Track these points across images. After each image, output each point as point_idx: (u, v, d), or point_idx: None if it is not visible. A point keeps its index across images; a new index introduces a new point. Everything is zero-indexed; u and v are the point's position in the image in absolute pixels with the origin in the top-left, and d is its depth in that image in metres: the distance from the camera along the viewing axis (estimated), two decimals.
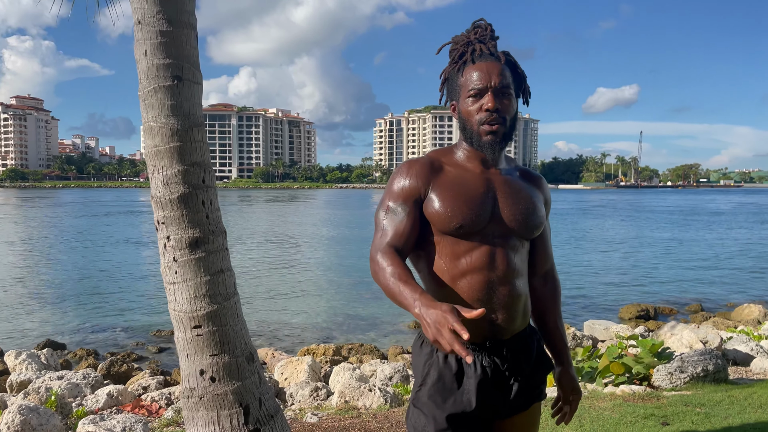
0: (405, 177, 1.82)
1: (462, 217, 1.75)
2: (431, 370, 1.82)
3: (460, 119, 1.84)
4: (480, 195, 1.79)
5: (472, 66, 1.80)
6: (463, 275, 1.77)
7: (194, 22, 3.18)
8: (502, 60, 1.81)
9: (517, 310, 1.82)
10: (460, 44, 1.85)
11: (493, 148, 1.80)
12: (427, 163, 1.84)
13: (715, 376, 5.68)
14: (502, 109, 1.78)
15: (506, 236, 1.80)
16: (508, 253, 1.80)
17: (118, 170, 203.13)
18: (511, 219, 1.80)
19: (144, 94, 3.06)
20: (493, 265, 1.77)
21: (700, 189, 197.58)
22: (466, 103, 1.81)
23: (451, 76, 1.88)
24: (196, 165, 3.10)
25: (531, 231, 1.85)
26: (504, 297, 1.78)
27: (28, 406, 4.68)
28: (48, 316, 14.04)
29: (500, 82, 1.77)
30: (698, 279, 19.61)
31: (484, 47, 1.81)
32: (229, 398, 3.07)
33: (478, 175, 1.83)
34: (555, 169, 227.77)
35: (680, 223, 45.77)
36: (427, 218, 1.79)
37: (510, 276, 1.79)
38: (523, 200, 1.84)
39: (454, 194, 1.77)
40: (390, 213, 1.80)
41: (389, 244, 1.75)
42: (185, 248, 3.05)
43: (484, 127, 1.78)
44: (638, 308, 13.82)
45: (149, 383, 7.26)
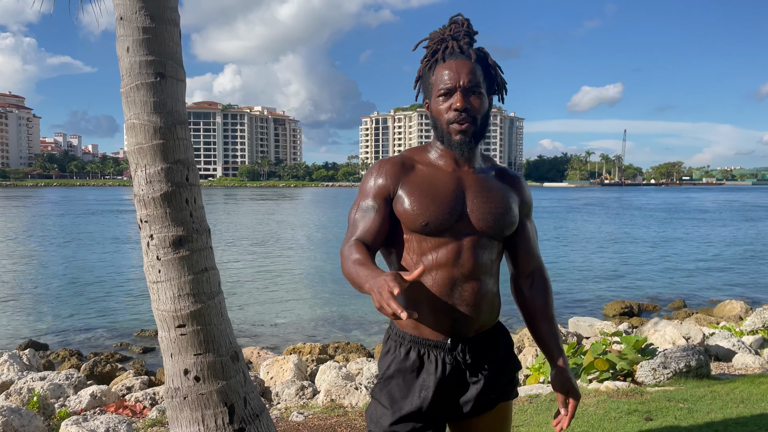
0: (375, 176, 1.85)
1: (428, 214, 1.77)
2: (392, 364, 1.86)
3: (432, 118, 1.85)
4: (449, 193, 1.80)
5: (443, 65, 1.80)
6: (429, 271, 1.78)
7: (177, 19, 3.15)
8: (473, 58, 1.79)
9: (483, 307, 1.83)
10: (434, 41, 1.85)
11: (462, 148, 1.80)
12: (398, 161, 1.87)
13: (697, 371, 5.74)
14: (472, 108, 1.78)
15: (475, 235, 1.81)
16: (476, 251, 1.80)
17: (101, 169, 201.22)
18: (479, 218, 1.81)
19: (126, 91, 3.02)
20: (458, 262, 1.78)
21: (683, 187, 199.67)
22: (437, 102, 1.81)
23: (424, 74, 1.88)
24: (180, 163, 3.07)
25: (500, 231, 1.84)
26: (469, 294, 1.79)
27: (10, 407, 4.62)
28: (30, 316, 13.86)
29: (469, 81, 1.77)
30: (681, 276, 19.83)
31: (456, 45, 1.80)
32: (213, 398, 3.04)
33: (449, 173, 1.84)
34: (540, 167, 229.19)
35: (664, 220, 46.22)
36: (396, 216, 1.82)
37: (476, 273, 1.80)
38: (494, 200, 1.84)
39: (422, 192, 1.79)
40: (360, 211, 1.84)
41: (356, 238, 1.79)
42: (169, 247, 3.02)
43: (454, 126, 1.78)
44: (622, 305, 13.95)
45: (133, 383, 7.19)
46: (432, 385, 1.81)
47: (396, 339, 1.88)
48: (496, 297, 1.90)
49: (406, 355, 1.84)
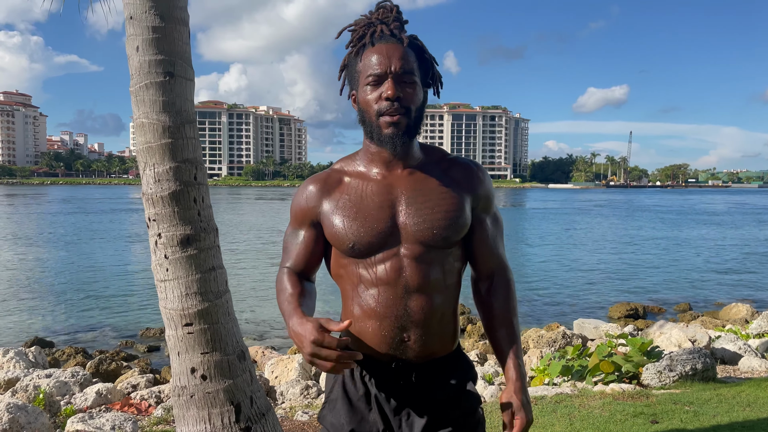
0: (299, 199, 1.71)
1: (352, 236, 1.59)
2: (335, 386, 1.72)
3: (359, 111, 1.63)
4: (375, 207, 1.61)
5: (371, 49, 1.59)
6: (369, 290, 1.61)
7: (186, 18, 3.16)
8: (405, 42, 1.58)
9: (433, 329, 1.62)
10: (361, 26, 1.64)
11: (394, 142, 1.58)
12: (322, 179, 1.70)
13: (703, 374, 5.73)
14: (405, 97, 1.56)
15: (416, 248, 1.59)
16: (421, 266, 1.59)
17: (107, 167, 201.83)
18: (414, 229, 1.59)
19: (136, 90, 3.03)
20: (401, 280, 1.59)
21: (688, 189, 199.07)
22: (364, 91, 1.59)
23: (350, 61, 1.66)
24: (188, 162, 3.08)
25: (443, 239, 1.60)
26: (416, 313, 1.59)
27: (16, 404, 4.63)
28: (36, 314, 13.92)
29: (402, 67, 1.56)
30: (687, 278, 19.77)
31: (386, 28, 1.60)
32: (220, 396, 3.05)
33: (378, 182, 1.64)
34: (545, 169, 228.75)
35: (673, 222, 46.07)
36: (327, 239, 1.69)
37: (424, 289, 1.59)
38: (432, 203, 1.61)
39: (345, 212, 1.62)
40: (289, 237, 1.74)
41: (287, 268, 1.71)
42: (176, 245, 3.03)
43: (385, 118, 1.56)
44: (627, 307, 13.92)
45: (138, 381, 7.22)
46: (376, 412, 1.65)
47: None
48: (451, 317, 1.67)
49: (351, 377, 1.68)
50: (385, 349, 1.62)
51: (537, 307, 15.21)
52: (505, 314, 1.69)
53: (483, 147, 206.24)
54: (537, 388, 5.55)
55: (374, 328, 1.61)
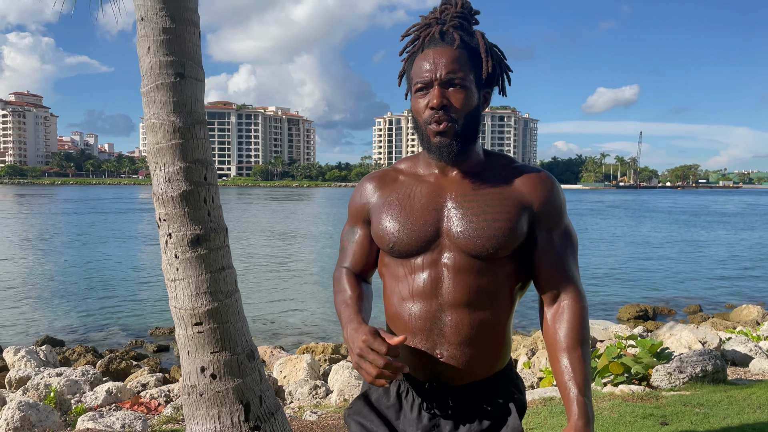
0: (355, 196, 1.68)
1: (393, 235, 1.53)
2: (373, 391, 1.64)
3: (413, 118, 1.57)
4: (420, 209, 1.53)
5: (421, 55, 1.51)
6: (405, 301, 1.53)
7: (197, 20, 3.18)
8: (456, 43, 1.47)
9: (473, 348, 1.50)
10: (419, 27, 1.56)
11: (441, 152, 1.50)
12: (378, 177, 1.66)
13: (713, 376, 5.69)
14: (452, 104, 1.47)
15: (458, 257, 1.49)
16: (461, 278, 1.48)
17: (116, 167, 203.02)
18: (457, 236, 1.49)
19: (146, 91, 3.06)
20: (438, 291, 1.49)
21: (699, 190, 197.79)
22: (415, 99, 1.52)
23: (407, 67, 1.58)
24: (198, 162, 3.10)
25: (488, 250, 1.47)
26: (452, 330, 1.48)
27: (28, 402, 4.67)
28: (46, 313, 14.03)
29: (448, 73, 1.46)
30: (697, 280, 19.64)
31: (439, 30, 1.50)
32: (229, 395, 3.07)
33: (429, 184, 1.56)
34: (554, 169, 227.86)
35: (686, 223, 45.80)
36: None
37: (463, 304, 1.48)
38: (479, 210, 1.49)
39: (392, 210, 1.55)
40: (346, 235, 1.71)
41: (346, 268, 1.67)
42: (187, 245, 3.05)
43: (431, 126, 1.48)
44: (637, 309, 13.85)
45: (148, 380, 7.26)
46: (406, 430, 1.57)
47: None
48: (496, 336, 1.53)
49: (386, 389, 1.61)
50: (420, 366, 1.53)
51: None
52: (571, 342, 1.47)
53: (492, 147, 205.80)
54: (546, 389, 5.53)
55: (410, 343, 1.53)
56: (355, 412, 1.63)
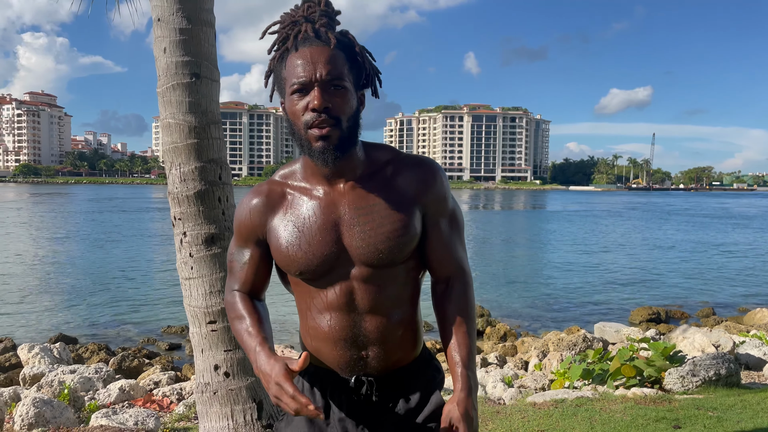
0: (242, 214, 1.59)
1: (298, 264, 1.50)
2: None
3: (287, 122, 1.49)
4: (319, 230, 1.49)
5: (295, 54, 1.44)
6: (322, 313, 1.54)
7: (212, 20, 3.21)
8: (333, 42, 1.42)
9: (393, 343, 1.56)
10: (285, 25, 1.49)
11: (325, 158, 1.44)
12: (264, 192, 1.57)
13: (727, 380, 5.65)
14: (334, 107, 1.41)
15: (364, 269, 1.50)
16: (372, 287, 1.51)
17: (129, 167, 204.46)
18: (360, 252, 1.49)
19: (162, 91, 3.08)
20: (352, 303, 1.51)
21: (713, 192, 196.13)
22: (291, 101, 1.44)
23: (275, 67, 1.50)
24: (213, 162, 3.13)
25: (392, 258, 1.50)
26: (374, 333, 1.53)
27: (42, 398, 4.72)
28: (60, 311, 14.17)
29: (329, 73, 1.41)
30: (710, 283, 19.49)
31: (311, 28, 1.44)
32: (242, 393, 3.09)
33: (320, 199, 1.52)
34: (566, 171, 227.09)
35: (702, 225, 45.44)
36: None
37: (377, 310, 1.52)
38: (375, 224, 1.49)
39: (288, 235, 1.51)
40: (234, 255, 1.63)
41: (238, 291, 1.62)
42: (201, 244, 3.08)
43: (313, 131, 1.42)
44: (649, 311, 13.76)
45: (160, 378, 7.32)
46: (336, 426, 1.58)
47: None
48: (410, 328, 1.60)
49: (311, 389, 1.61)
50: (343, 367, 1.57)
51: (557, 310, 15.11)
52: (457, 320, 1.58)
53: (503, 149, 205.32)
54: (557, 391, 5.51)
55: (329, 349, 1.55)
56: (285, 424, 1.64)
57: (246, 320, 1.55)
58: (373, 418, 1.58)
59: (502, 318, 13.63)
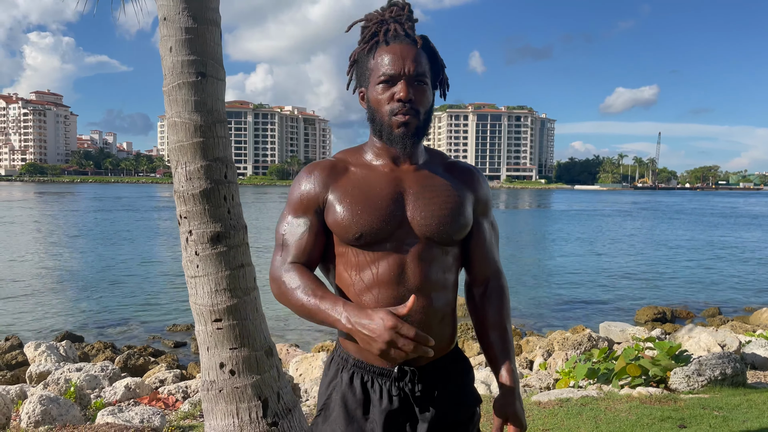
0: (303, 184, 1.64)
1: (361, 225, 1.54)
2: (333, 394, 1.62)
3: (369, 108, 1.62)
4: (385, 198, 1.57)
5: (385, 48, 1.57)
6: (369, 289, 1.55)
7: (218, 19, 3.22)
8: (419, 44, 1.58)
9: (435, 330, 1.58)
10: (373, 23, 1.62)
11: (404, 142, 1.58)
12: (328, 165, 1.65)
13: (733, 379, 5.63)
14: (416, 99, 1.56)
15: (420, 243, 1.57)
16: (423, 264, 1.57)
17: (135, 166, 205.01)
18: (421, 223, 1.57)
19: (168, 90, 3.09)
20: (403, 277, 1.55)
21: (719, 191, 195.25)
22: (376, 90, 1.58)
23: (360, 58, 1.64)
24: (219, 160, 3.13)
25: (448, 236, 1.59)
26: (418, 315, 1.55)
27: (49, 396, 4.74)
28: (66, 309, 14.23)
29: (415, 69, 1.55)
30: (716, 282, 19.41)
31: (400, 28, 1.58)
32: (248, 391, 3.10)
33: (386, 174, 1.62)
34: (571, 170, 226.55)
35: (709, 224, 45.27)
36: (329, 228, 1.61)
37: (426, 289, 1.56)
38: (439, 200, 1.60)
39: (354, 199, 1.57)
40: (290, 227, 1.64)
41: (292, 262, 1.61)
42: (207, 242, 3.09)
43: (396, 118, 1.56)
44: (655, 311, 13.72)
45: (166, 376, 7.34)
46: (377, 419, 1.56)
47: (339, 362, 1.64)
48: (450, 317, 1.65)
49: (350, 383, 1.60)
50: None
51: (562, 309, 15.08)
52: (499, 320, 1.69)
53: (508, 148, 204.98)
54: (562, 390, 5.51)
55: None
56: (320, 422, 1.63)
57: (311, 287, 1.54)
58: (413, 411, 1.59)
59: None
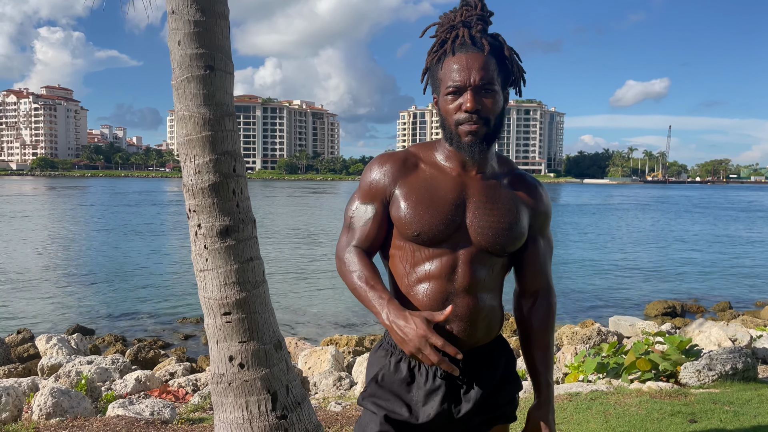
0: (374, 173, 1.70)
1: (421, 224, 1.62)
2: (380, 373, 1.73)
3: (440, 117, 1.67)
4: (447, 201, 1.64)
5: (452, 58, 1.61)
6: (420, 282, 1.65)
7: (227, 12, 3.21)
8: (486, 49, 1.59)
9: (479, 324, 1.68)
10: (444, 29, 1.65)
11: (472, 150, 1.62)
12: (400, 159, 1.71)
13: (744, 374, 5.59)
14: (484, 109, 1.59)
15: (473, 248, 1.65)
16: (473, 266, 1.65)
17: (144, 160, 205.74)
18: (478, 231, 1.64)
19: (177, 83, 3.09)
20: (453, 276, 1.63)
21: (730, 185, 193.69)
22: (445, 100, 1.62)
23: (432, 66, 1.69)
24: (227, 154, 3.13)
25: (501, 247, 1.66)
26: (464, 309, 1.64)
27: (60, 389, 4.78)
28: (77, 302, 14.33)
29: (482, 79, 1.58)
30: (727, 276, 19.29)
31: (468, 34, 1.60)
32: (257, 384, 3.11)
33: (453, 178, 1.67)
34: (580, 163, 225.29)
35: (717, 218, 44.95)
36: (392, 220, 1.69)
37: (472, 289, 1.65)
38: (499, 212, 1.66)
39: (418, 198, 1.64)
40: (357, 211, 1.72)
41: (355, 246, 1.70)
42: (216, 236, 3.09)
43: (463, 127, 1.60)
44: (665, 305, 13.66)
45: (176, 369, 7.38)
46: (421, 400, 1.67)
47: (387, 348, 1.74)
48: (495, 312, 1.74)
49: (396, 366, 1.70)
50: None
51: (572, 303, 15.04)
52: (543, 335, 1.77)
53: (517, 141, 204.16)
54: (572, 385, 5.49)
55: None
56: (369, 394, 1.73)
57: (366, 275, 1.63)
58: (457, 393, 1.69)
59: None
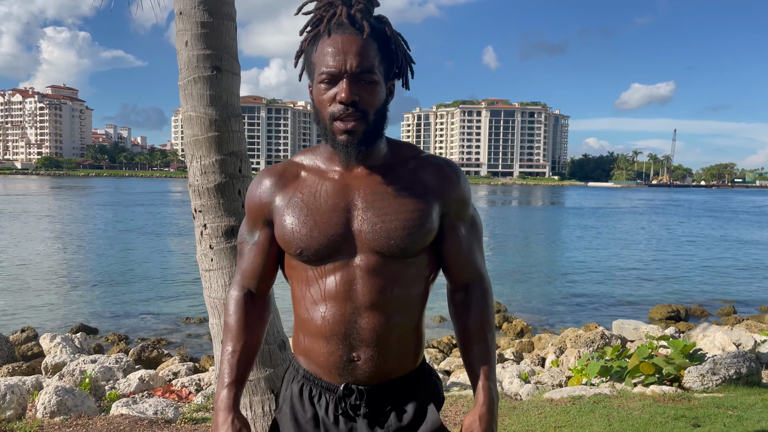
0: (252, 194, 1.53)
1: (301, 240, 1.41)
2: (284, 403, 1.54)
3: (313, 108, 1.44)
4: (328, 210, 1.42)
5: (326, 40, 1.37)
6: (317, 305, 1.44)
7: (233, 14, 3.23)
8: (366, 31, 1.36)
9: (390, 348, 1.44)
10: (322, 5, 1.42)
11: (348, 150, 1.39)
12: (278, 171, 1.51)
13: (748, 379, 5.58)
14: (362, 100, 1.36)
15: (371, 258, 1.41)
16: (376, 279, 1.41)
17: (149, 160, 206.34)
18: (369, 237, 1.40)
19: (184, 84, 3.11)
20: (352, 293, 1.41)
21: (735, 189, 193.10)
22: (318, 89, 1.39)
23: (306, 49, 1.44)
24: (233, 155, 3.15)
25: (400, 250, 1.41)
26: (369, 332, 1.41)
27: (64, 387, 4.80)
28: (81, 301, 14.38)
29: (359, 65, 1.35)
30: (731, 281, 19.23)
31: (346, 12, 1.38)
32: (261, 385, 3.11)
33: (335, 181, 1.45)
34: (585, 167, 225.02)
35: (720, 222, 44.84)
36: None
37: (378, 307, 1.41)
38: (391, 209, 1.42)
39: (296, 212, 1.44)
40: (245, 235, 1.57)
41: (241, 285, 1.57)
42: (221, 236, 3.10)
43: (338, 124, 1.37)
44: (669, 309, 13.63)
45: (179, 369, 7.40)
46: None
47: (292, 371, 1.56)
48: (412, 334, 1.49)
49: (300, 395, 1.51)
50: (333, 370, 1.46)
51: (575, 307, 15.02)
52: (478, 329, 1.53)
53: (521, 144, 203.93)
54: (575, 388, 5.49)
55: (321, 347, 1.45)
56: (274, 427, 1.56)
57: (230, 342, 1.52)
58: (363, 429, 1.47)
59: (519, 314, 13.58)
